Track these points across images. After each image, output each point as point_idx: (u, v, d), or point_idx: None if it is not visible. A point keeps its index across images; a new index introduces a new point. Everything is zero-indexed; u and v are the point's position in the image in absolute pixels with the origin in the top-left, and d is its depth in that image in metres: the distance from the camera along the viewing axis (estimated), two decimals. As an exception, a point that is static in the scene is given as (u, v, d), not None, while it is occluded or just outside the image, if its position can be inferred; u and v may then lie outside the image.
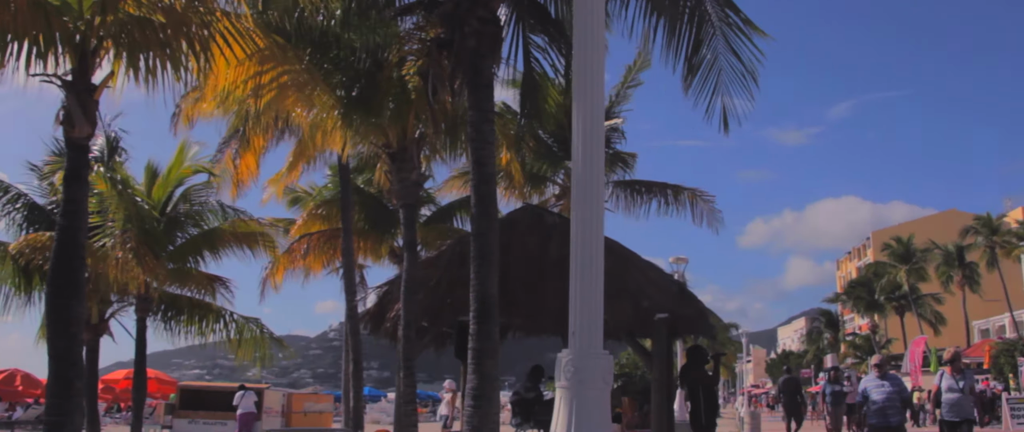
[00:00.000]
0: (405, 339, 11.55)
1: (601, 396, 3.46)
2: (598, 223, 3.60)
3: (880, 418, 12.33)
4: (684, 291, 11.54)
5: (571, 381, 3.42)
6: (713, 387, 12.58)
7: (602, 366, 3.46)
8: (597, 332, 3.48)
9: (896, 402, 12.51)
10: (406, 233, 12.38)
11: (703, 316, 11.74)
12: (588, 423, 3.38)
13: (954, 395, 12.21)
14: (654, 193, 21.54)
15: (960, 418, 12.22)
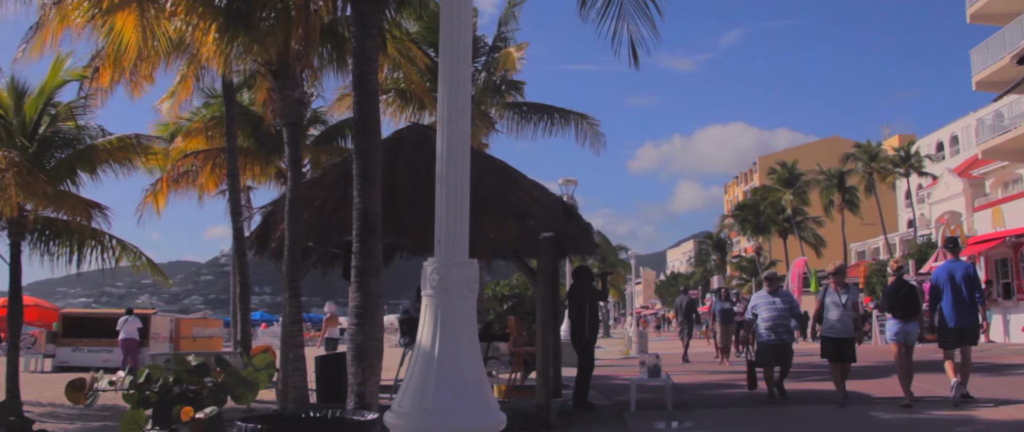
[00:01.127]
0: (290, 260, 11.37)
1: (466, 304, 3.44)
2: (464, 128, 3.54)
3: (769, 335, 12.19)
4: (569, 210, 11.61)
5: (436, 289, 3.39)
6: (597, 304, 12.68)
7: (467, 275, 3.43)
8: (462, 241, 3.44)
9: (786, 319, 12.38)
10: (290, 152, 12.10)
11: (587, 234, 11.87)
12: (453, 331, 3.36)
13: (837, 311, 11.63)
14: (541, 115, 21.76)
15: (842, 335, 11.62)
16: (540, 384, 10.59)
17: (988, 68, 35.55)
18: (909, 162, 58.30)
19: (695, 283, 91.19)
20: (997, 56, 34.08)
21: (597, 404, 12.70)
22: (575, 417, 11.36)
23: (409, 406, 3.29)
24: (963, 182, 49.81)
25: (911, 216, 62.52)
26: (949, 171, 53.22)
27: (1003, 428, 9.54)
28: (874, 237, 64.30)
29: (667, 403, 11.86)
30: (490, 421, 3.31)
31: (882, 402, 11.91)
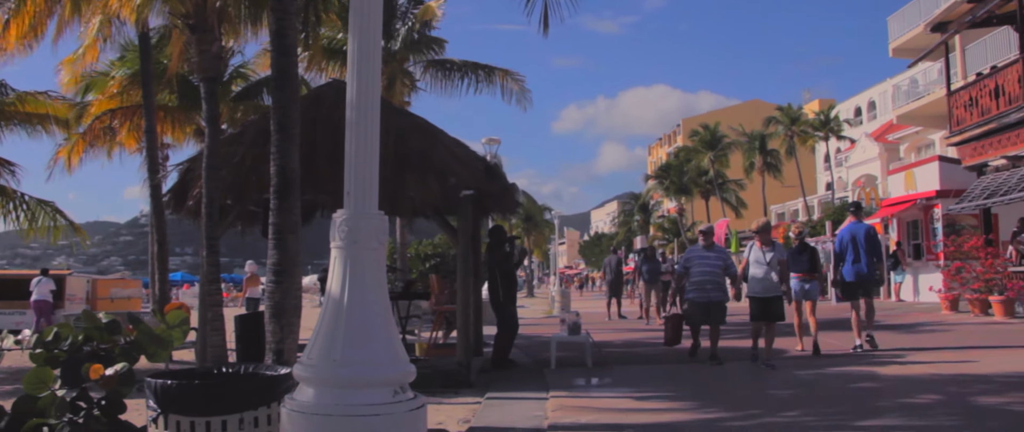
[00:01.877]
0: (207, 218, 11.20)
1: (375, 256, 3.42)
2: (375, 73, 3.50)
3: (699, 292, 11.76)
4: (491, 169, 11.60)
5: (345, 241, 3.37)
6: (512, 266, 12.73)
7: (376, 226, 3.41)
8: (372, 192, 3.41)
9: (719, 276, 11.87)
10: (208, 108, 11.88)
11: (509, 193, 11.89)
12: (362, 282, 3.34)
13: (761, 270, 11.52)
14: (466, 73, 21.66)
15: (768, 294, 11.48)
16: (460, 342, 10.64)
17: (904, 35, 36.34)
18: (828, 126, 59.39)
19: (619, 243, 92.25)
20: (913, 23, 34.84)
21: (518, 362, 12.79)
22: (495, 374, 11.43)
23: (317, 357, 3.27)
24: (879, 146, 50.98)
25: (829, 179, 63.88)
26: (866, 136, 54.38)
27: (904, 381, 9.88)
28: (794, 199, 65.52)
29: (586, 360, 12.02)
30: (398, 372, 3.31)
31: (794, 359, 12.20)
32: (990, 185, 21.38)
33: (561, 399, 9.18)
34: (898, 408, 8.09)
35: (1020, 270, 19.18)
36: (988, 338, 14.68)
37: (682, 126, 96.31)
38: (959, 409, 7.96)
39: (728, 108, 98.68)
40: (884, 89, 54.95)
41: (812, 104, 70.60)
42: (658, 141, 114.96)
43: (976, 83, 22.70)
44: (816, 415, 7.85)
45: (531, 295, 60.51)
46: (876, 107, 59.83)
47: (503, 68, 21.67)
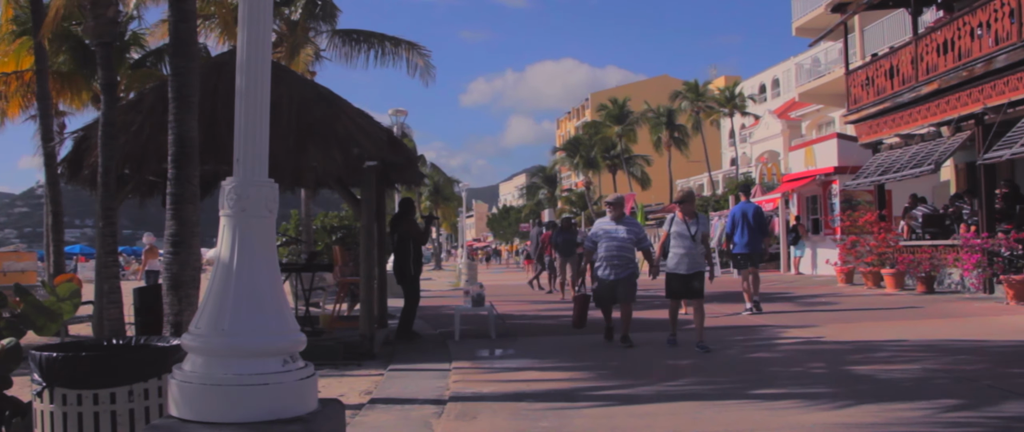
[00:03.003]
0: (104, 187, 10.89)
1: (265, 224, 3.38)
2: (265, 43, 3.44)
3: (607, 269, 10.75)
4: (395, 140, 11.54)
5: (234, 209, 3.31)
6: (421, 240, 12.71)
7: (265, 195, 3.36)
8: (262, 160, 3.37)
9: (630, 251, 10.89)
10: (104, 74, 11.53)
11: (413, 164, 11.85)
12: (251, 251, 3.30)
13: (685, 243, 10.49)
14: (371, 43, 21.46)
15: (693, 270, 10.47)
16: (364, 314, 10.60)
17: (807, 15, 37.13)
18: (734, 102, 60.51)
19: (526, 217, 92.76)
20: (815, 4, 35.61)
21: (422, 334, 12.81)
22: (399, 346, 11.43)
23: (206, 327, 3.23)
24: (782, 123, 52.12)
25: (734, 154, 65.14)
26: (770, 112, 55.55)
27: (798, 351, 10.23)
28: (699, 174, 66.68)
29: (491, 332, 12.09)
30: (288, 341, 3.28)
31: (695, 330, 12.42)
32: (884, 162, 22.07)
33: (463, 370, 9.23)
34: (789, 376, 8.34)
35: (911, 244, 19.87)
36: (877, 310, 15.21)
37: (591, 100, 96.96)
38: (839, 375, 8.26)
39: (636, 83, 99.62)
40: (788, 67, 56.15)
41: (718, 81, 71.78)
42: (567, 115, 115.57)
43: (872, 63, 23.35)
44: (712, 384, 8.05)
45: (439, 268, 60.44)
46: (780, 84, 61.13)
47: (409, 41, 21.56)
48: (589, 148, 74.30)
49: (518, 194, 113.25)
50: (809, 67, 41.36)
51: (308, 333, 11.31)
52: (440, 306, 17.64)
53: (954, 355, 9.39)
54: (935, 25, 20.67)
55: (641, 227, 11.34)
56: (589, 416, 6.80)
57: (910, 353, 9.69)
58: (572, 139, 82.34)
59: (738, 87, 62.84)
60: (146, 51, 22.10)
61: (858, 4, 23.74)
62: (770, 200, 32.80)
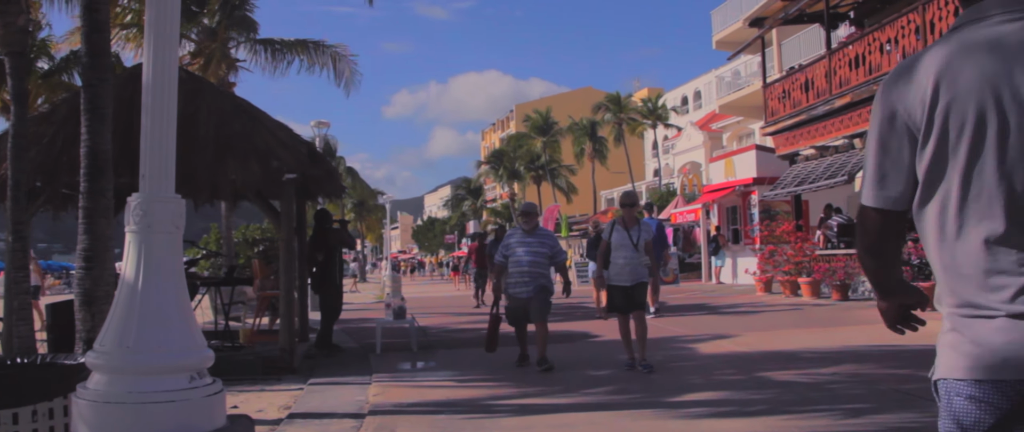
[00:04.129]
0: (13, 201, 10.61)
1: (171, 240, 3.35)
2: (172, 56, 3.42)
3: (520, 286, 9.86)
4: (314, 152, 11.48)
5: (140, 225, 3.28)
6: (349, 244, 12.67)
7: (172, 210, 3.34)
8: (169, 175, 3.34)
9: (545, 266, 9.92)
10: (14, 85, 11.22)
11: (333, 177, 11.79)
12: (157, 267, 3.27)
13: (628, 252, 9.54)
14: (296, 52, 21.27)
15: (634, 281, 9.55)
16: (283, 327, 10.49)
17: (726, 29, 37.90)
18: (656, 114, 61.23)
19: (451, 228, 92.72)
20: (734, 18, 36.38)
21: (344, 347, 12.74)
22: (320, 360, 11.35)
23: (110, 345, 3.19)
24: (703, 135, 52.95)
25: (657, 165, 65.93)
26: (692, 124, 56.38)
27: (715, 358, 10.40)
28: (623, 185, 67.32)
29: (412, 344, 12.08)
30: (195, 357, 3.26)
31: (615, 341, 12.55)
32: (800, 173, 22.58)
33: (384, 383, 9.21)
34: (706, 385, 8.51)
35: (826, 253, 20.35)
36: (794, 318, 15.53)
37: (515, 112, 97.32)
38: (755, 383, 8.45)
39: (561, 95, 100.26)
40: (709, 80, 57.08)
41: (641, 92, 72.61)
42: (491, 126, 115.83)
43: (789, 77, 23.90)
44: (631, 394, 8.15)
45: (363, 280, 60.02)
46: (702, 97, 62.08)
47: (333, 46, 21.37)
48: (513, 160, 74.57)
49: (443, 205, 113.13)
50: (730, 80, 42.19)
51: (227, 348, 11.25)
52: (363, 319, 17.54)
53: (863, 362, 9.64)
54: (847, 40, 21.27)
55: (556, 240, 10.45)
56: (508, 427, 6.85)
57: (823, 360, 9.92)
58: (496, 150, 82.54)
59: (661, 99, 63.64)
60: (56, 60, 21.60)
61: (774, 19, 24.29)
62: (692, 211, 33.31)
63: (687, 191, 40.94)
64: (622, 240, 9.60)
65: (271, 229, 23.82)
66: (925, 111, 2.04)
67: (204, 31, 19.78)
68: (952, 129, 2.01)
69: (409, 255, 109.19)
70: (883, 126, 2.14)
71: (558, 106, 78.72)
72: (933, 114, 2.03)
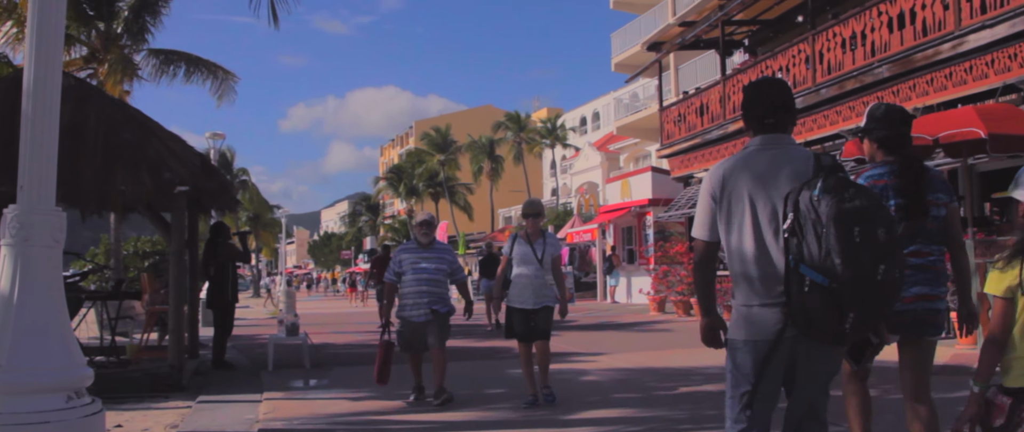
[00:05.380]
0: None
1: (50, 255, 3.23)
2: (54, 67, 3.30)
3: (414, 307, 8.71)
4: (208, 164, 11.22)
5: (16, 238, 3.14)
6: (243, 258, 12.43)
7: (51, 224, 3.21)
8: (49, 187, 3.22)
9: (442, 285, 8.85)
10: None
11: (227, 190, 11.55)
12: (33, 282, 3.14)
13: (531, 269, 8.37)
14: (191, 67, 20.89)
15: (540, 304, 8.37)
16: (173, 343, 10.22)
17: (625, 52, 38.53)
18: (555, 134, 61.81)
19: (347, 244, 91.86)
20: (633, 42, 37.00)
21: (236, 364, 12.49)
22: (211, 377, 11.09)
23: (-18, 363, 3.05)
24: (601, 155, 53.62)
25: (555, 185, 66.49)
26: (590, 145, 57.05)
27: (612, 377, 10.49)
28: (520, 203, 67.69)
29: (305, 361, 11.89)
30: (73, 376, 3.14)
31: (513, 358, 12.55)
32: (694, 195, 23.04)
33: (275, 401, 9.04)
34: (598, 403, 8.57)
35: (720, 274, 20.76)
36: (684, 337, 15.79)
37: (415, 128, 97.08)
38: (647, 401, 8.56)
39: (461, 112, 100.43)
40: (608, 101, 57.90)
41: (541, 112, 73.19)
42: (391, 142, 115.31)
43: (684, 100, 24.41)
44: (525, 411, 8.15)
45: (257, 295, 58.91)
46: (600, 118, 62.89)
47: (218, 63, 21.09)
48: (412, 176, 74.34)
49: (340, 221, 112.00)
50: (628, 102, 42.87)
51: (113, 364, 10.89)
52: (256, 335, 17.21)
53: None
54: (741, 67, 21.86)
55: (454, 254, 9.39)
56: (400, 447, 6.78)
57: (716, 378, 10.10)
58: (395, 166, 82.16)
59: (560, 119, 64.26)
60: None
61: (672, 44, 24.79)
62: (588, 230, 33.68)
63: (584, 211, 41.41)
64: (525, 255, 8.40)
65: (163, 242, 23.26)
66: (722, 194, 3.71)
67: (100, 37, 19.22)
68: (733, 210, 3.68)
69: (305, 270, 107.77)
70: (705, 198, 3.79)
71: (458, 123, 78.84)
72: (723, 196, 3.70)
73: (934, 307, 4.41)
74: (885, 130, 4.58)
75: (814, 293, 3.33)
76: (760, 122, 3.79)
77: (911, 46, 15.04)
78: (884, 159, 4.56)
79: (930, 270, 4.41)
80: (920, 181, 4.43)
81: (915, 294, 4.33)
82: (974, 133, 9.93)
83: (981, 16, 13.55)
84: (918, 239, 4.39)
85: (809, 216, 3.36)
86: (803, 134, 18.07)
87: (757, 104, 3.83)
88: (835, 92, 17.08)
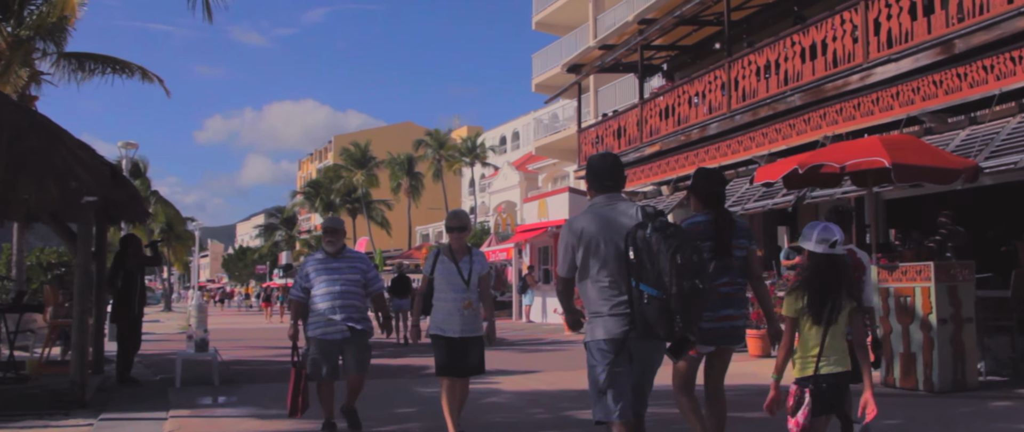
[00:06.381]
0: None
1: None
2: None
3: (324, 325, 7.62)
4: (118, 174, 10.94)
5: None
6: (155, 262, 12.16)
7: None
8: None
9: (357, 298, 7.75)
10: None
11: (136, 201, 11.29)
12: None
13: (455, 291, 7.23)
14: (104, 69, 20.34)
15: (467, 333, 7.26)
16: (76, 359, 9.91)
17: (546, 73, 38.84)
18: (475, 152, 61.96)
19: (262, 258, 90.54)
20: (555, 62, 37.30)
21: (142, 380, 12.19)
22: (115, 394, 10.79)
23: None
24: (519, 175, 53.91)
25: (473, 203, 66.54)
26: (509, 164, 57.32)
27: (524, 397, 10.50)
28: (439, 221, 67.53)
29: (214, 378, 11.66)
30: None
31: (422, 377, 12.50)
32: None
33: (181, 419, 8.85)
34: (509, 425, 8.58)
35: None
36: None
37: (334, 143, 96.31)
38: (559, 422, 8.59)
39: (381, 128, 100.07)
40: (527, 121, 58.25)
41: (461, 130, 73.33)
42: (309, 156, 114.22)
43: (603, 123, 24.70)
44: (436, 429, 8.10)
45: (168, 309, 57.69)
46: (520, 137, 63.24)
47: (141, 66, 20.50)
48: (330, 191, 73.68)
49: (256, 234, 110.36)
50: (547, 122, 43.15)
51: (11, 380, 10.57)
52: (164, 351, 16.83)
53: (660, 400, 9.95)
54: (659, 91, 22.21)
55: (369, 262, 8.17)
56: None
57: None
58: (313, 181, 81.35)
59: (480, 138, 64.45)
60: None
61: (592, 66, 25.08)
62: (504, 250, 33.73)
63: (501, 230, 41.46)
64: (448, 275, 7.26)
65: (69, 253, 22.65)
66: (578, 241, 5.01)
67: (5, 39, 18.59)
68: (589, 249, 4.98)
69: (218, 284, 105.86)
70: (565, 244, 5.08)
71: (378, 139, 78.51)
72: (580, 243, 4.99)
73: (737, 325, 5.83)
74: (705, 190, 5.98)
75: (651, 304, 4.66)
76: (602, 184, 5.19)
77: (822, 76, 15.46)
78: (703, 211, 5.92)
79: (735, 297, 5.80)
80: (727, 229, 5.79)
81: (724, 315, 5.70)
82: (879, 162, 10.21)
83: (887, 50, 14.01)
84: (726, 274, 5.73)
85: (644, 249, 4.70)
86: (718, 159, 18.43)
87: (601, 171, 5.20)
88: (749, 118, 17.45)
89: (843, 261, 5.10)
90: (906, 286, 10.35)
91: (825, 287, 4.91)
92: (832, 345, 4.88)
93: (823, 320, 4.87)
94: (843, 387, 4.95)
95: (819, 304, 4.88)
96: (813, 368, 4.86)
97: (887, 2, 14.06)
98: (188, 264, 73.93)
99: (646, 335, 4.79)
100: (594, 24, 35.45)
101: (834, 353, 4.88)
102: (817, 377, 4.85)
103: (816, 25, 15.80)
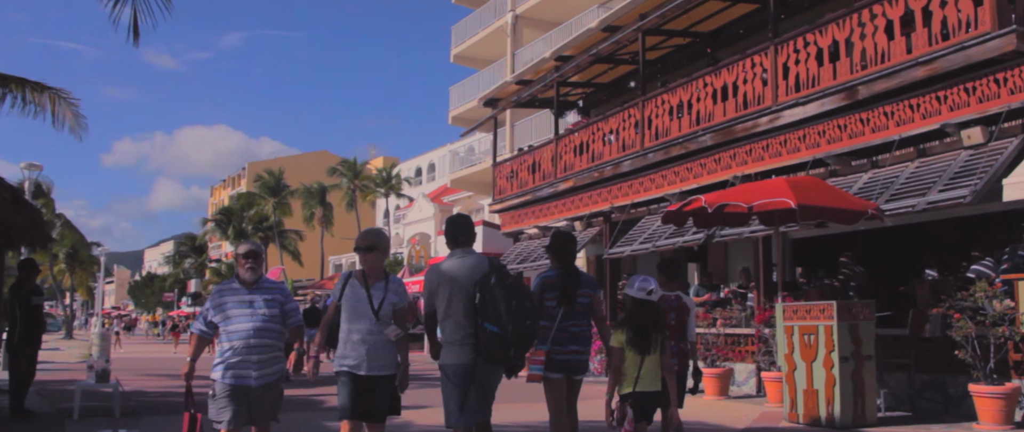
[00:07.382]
0: None
1: None
2: None
3: (239, 366, 6.37)
4: (19, 198, 10.63)
5: None
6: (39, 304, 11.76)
7: None
8: None
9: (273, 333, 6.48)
10: None
11: (38, 225, 10.99)
12: None
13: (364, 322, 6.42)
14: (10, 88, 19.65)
15: (375, 371, 6.36)
16: (-32, 388, 9.58)
17: (462, 106, 38.99)
18: (390, 183, 61.62)
19: (170, 286, 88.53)
20: (472, 96, 37.45)
21: (38, 412, 11.77)
22: (8, 427, 10.41)
23: None
24: (434, 207, 53.76)
25: (388, 234, 66.08)
26: (424, 196, 57.13)
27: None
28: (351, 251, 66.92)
29: (115, 410, 11.34)
30: None
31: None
32: (523, 251, 23.41)
33: (78, 452, 8.57)
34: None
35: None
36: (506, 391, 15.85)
37: (248, 170, 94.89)
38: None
39: (295, 156, 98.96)
40: (444, 153, 58.21)
41: (377, 161, 72.88)
42: (222, 183, 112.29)
43: (518, 157, 24.86)
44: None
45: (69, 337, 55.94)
46: (436, 169, 63.11)
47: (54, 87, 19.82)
48: (242, 219, 72.49)
49: (164, 261, 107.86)
50: (463, 155, 43.26)
51: None
52: (64, 380, 16.31)
53: None
54: (574, 128, 22.44)
55: (286, 290, 6.85)
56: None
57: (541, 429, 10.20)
58: (224, 208, 79.88)
59: (396, 168, 64.13)
60: None
61: (508, 101, 25.24)
62: (417, 282, 33.56)
63: (414, 262, 41.30)
64: (357, 302, 6.45)
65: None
66: (438, 287, 6.50)
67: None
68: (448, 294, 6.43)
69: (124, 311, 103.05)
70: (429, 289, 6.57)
71: (292, 167, 77.61)
72: (438, 288, 6.48)
73: (582, 358, 7.12)
74: (560, 249, 7.17)
75: (492, 338, 6.07)
76: (457, 240, 6.61)
77: (733, 117, 15.82)
78: (555, 265, 7.16)
79: (581, 335, 7.08)
80: (574, 281, 7.03)
81: (571, 349, 6.97)
82: (785, 203, 10.48)
83: (795, 94, 14.42)
84: (573, 317, 7.00)
85: (488, 294, 6.12)
86: (631, 196, 18.69)
87: (458, 230, 6.65)
88: (662, 157, 17.74)
89: (656, 305, 6.62)
90: (809, 324, 10.63)
91: (643, 324, 6.38)
92: (648, 369, 6.31)
93: (641, 350, 6.31)
94: (656, 402, 6.44)
95: (637, 337, 6.32)
96: (632, 386, 6.31)
97: (796, 47, 14.50)
98: (92, 290, 71.77)
99: (489, 361, 6.17)
100: (512, 59, 35.72)
101: (649, 375, 6.32)
102: (635, 394, 6.32)
103: (728, 67, 16.19)
